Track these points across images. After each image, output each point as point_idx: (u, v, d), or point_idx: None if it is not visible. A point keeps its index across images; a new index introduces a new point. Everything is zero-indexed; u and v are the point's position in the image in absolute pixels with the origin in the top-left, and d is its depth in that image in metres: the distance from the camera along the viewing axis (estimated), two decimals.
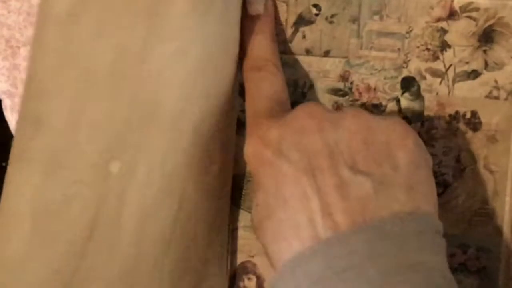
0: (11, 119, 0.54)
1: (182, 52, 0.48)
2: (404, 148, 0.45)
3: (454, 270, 0.57)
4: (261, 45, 0.52)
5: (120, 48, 0.47)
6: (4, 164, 0.62)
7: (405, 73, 0.56)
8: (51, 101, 0.47)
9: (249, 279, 0.58)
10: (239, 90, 0.55)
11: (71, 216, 0.48)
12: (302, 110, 0.46)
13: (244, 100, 0.56)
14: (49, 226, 0.47)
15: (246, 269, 0.58)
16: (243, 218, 0.58)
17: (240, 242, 0.58)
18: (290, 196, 0.44)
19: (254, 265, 0.58)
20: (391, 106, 0.56)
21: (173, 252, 0.51)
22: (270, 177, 0.45)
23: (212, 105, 0.50)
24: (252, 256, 0.58)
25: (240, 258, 0.58)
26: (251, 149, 0.46)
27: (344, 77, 0.56)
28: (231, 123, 0.54)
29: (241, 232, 0.58)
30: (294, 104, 0.55)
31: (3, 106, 0.54)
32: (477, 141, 0.56)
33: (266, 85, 0.51)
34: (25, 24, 0.53)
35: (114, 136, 0.48)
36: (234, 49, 0.52)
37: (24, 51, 0.54)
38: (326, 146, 0.44)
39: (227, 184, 0.55)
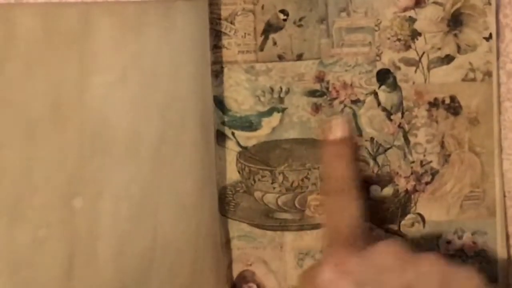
0: None
1: (122, 78, 0.48)
2: None
3: (451, 256, 0.57)
4: (341, 169, 0.52)
5: (56, 84, 0.47)
6: None
7: (379, 66, 0.56)
8: (2, 154, 0.47)
9: (249, 287, 0.59)
10: (217, 102, 0.55)
11: (46, 259, 0.48)
12: (386, 247, 0.47)
13: (222, 112, 0.56)
14: (26, 271, 0.48)
15: (245, 278, 0.59)
16: (237, 228, 0.58)
17: (236, 252, 0.58)
18: None
19: (253, 273, 0.59)
20: (370, 100, 0.56)
21: (156, 273, 0.51)
22: None
23: (172, 122, 0.51)
24: (250, 265, 0.58)
25: (238, 268, 0.58)
26: (328, 275, 0.46)
27: (319, 78, 0.56)
28: (208, 135, 0.54)
29: (235, 242, 0.58)
30: (270, 110, 0.56)
31: None
32: (459, 125, 0.56)
33: (346, 211, 0.50)
34: None
35: (70, 172, 0.48)
36: (194, 61, 0.52)
37: None
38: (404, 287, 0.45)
39: (210, 196, 0.55)
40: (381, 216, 0.57)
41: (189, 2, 0.51)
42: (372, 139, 0.56)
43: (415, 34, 0.55)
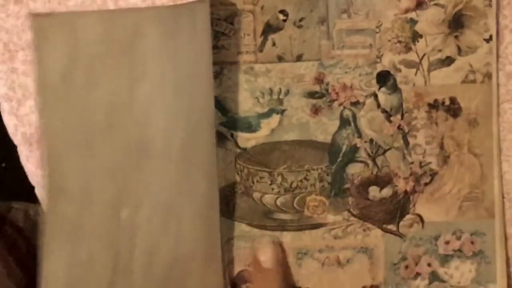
0: (9, 122, 0.54)
1: (161, 83, 0.48)
2: None
3: (450, 256, 0.57)
4: None
5: (111, 96, 0.47)
6: (3, 164, 0.63)
7: (379, 68, 0.55)
8: (66, 165, 0.46)
9: (247, 287, 0.59)
10: (216, 103, 0.55)
11: (97, 271, 0.48)
12: None
13: (221, 113, 0.56)
14: (79, 286, 0.48)
15: (244, 277, 0.59)
16: (236, 229, 0.58)
17: (236, 252, 0.58)
18: None
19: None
20: (369, 102, 0.56)
21: (176, 277, 0.51)
22: None
23: (194, 125, 0.50)
24: (249, 265, 0.58)
25: (237, 268, 0.58)
26: None
27: (319, 79, 0.56)
28: (210, 136, 0.54)
29: (235, 242, 0.58)
30: (270, 112, 0.56)
31: (1, 109, 0.54)
32: (458, 127, 0.56)
33: None
34: (23, 28, 0.53)
35: (120, 182, 0.48)
36: (206, 66, 0.52)
37: (22, 55, 0.54)
38: None
39: (214, 196, 0.55)
40: (380, 216, 0.57)
41: (203, 3, 0.51)
42: (371, 140, 0.56)
43: (416, 36, 0.55)
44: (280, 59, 0.55)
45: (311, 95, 0.56)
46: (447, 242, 0.57)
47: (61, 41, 0.45)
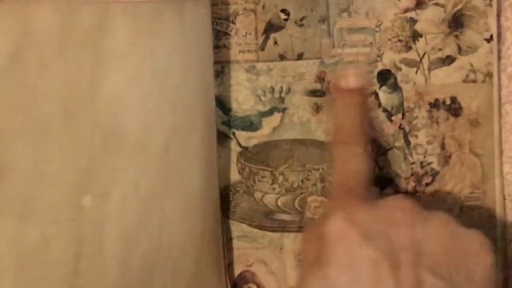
0: None
1: (135, 77, 0.48)
2: (483, 264, 0.46)
3: None
4: (352, 119, 0.51)
5: (68, 82, 0.47)
6: None
7: (380, 66, 0.56)
8: (12, 147, 0.47)
9: (249, 287, 0.59)
10: (218, 102, 0.56)
11: (53, 256, 0.48)
12: (396, 201, 0.47)
13: (223, 112, 0.56)
14: (33, 268, 0.47)
15: (246, 278, 0.59)
16: (237, 229, 0.58)
17: (236, 252, 0.58)
18: (365, 279, 0.44)
19: (253, 274, 0.59)
20: (370, 101, 0.56)
21: (160, 273, 0.51)
22: (349, 256, 0.45)
23: (181, 121, 0.50)
24: (250, 265, 0.58)
25: (238, 269, 0.58)
26: (336, 224, 0.46)
27: (320, 78, 0.56)
28: (210, 135, 0.54)
29: (236, 243, 0.58)
30: (271, 110, 0.56)
31: None
32: (459, 127, 0.56)
33: (355, 163, 0.50)
34: None
35: (80, 170, 0.48)
36: (201, 60, 0.52)
37: None
38: (412, 243, 0.45)
39: (214, 196, 0.55)
40: None
41: (197, 1, 0.51)
42: (372, 140, 0.56)
43: (416, 35, 0.55)
44: (282, 57, 0.56)
45: (313, 93, 0.56)
46: None
47: (10, 27, 0.45)
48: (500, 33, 0.55)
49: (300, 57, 0.56)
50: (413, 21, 0.55)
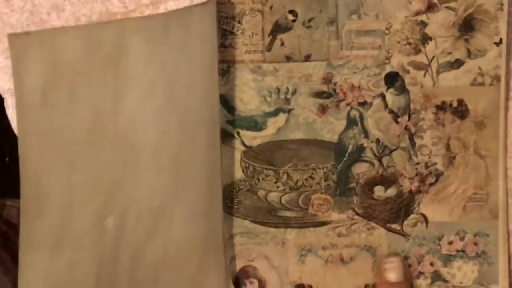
0: (14, 117, 0.54)
1: (150, 91, 0.48)
2: None
3: (453, 256, 0.58)
4: None
5: (94, 107, 0.46)
6: (7, 159, 0.62)
7: (388, 69, 0.55)
8: (45, 181, 0.46)
9: (251, 283, 0.59)
10: (223, 101, 0.55)
11: (78, 280, 0.48)
12: None
13: (227, 111, 0.56)
14: None
15: (247, 273, 0.59)
16: (238, 225, 0.58)
17: (238, 248, 0.58)
18: None
19: (255, 268, 0.59)
20: (377, 102, 0.56)
21: (166, 273, 0.52)
22: None
23: (188, 129, 0.50)
24: (252, 260, 0.59)
25: (240, 264, 0.59)
26: None
27: (327, 79, 0.55)
28: (216, 136, 0.54)
29: (238, 238, 0.58)
30: (276, 111, 0.56)
31: (6, 105, 0.54)
32: (465, 129, 0.56)
33: None
34: (28, 23, 0.52)
35: (105, 192, 0.47)
36: (205, 64, 0.51)
37: None
38: None
39: (216, 195, 0.55)
40: (384, 215, 0.58)
41: (202, 6, 0.50)
42: (378, 140, 0.56)
43: (425, 39, 0.54)
44: (288, 59, 0.55)
45: (319, 95, 0.56)
46: (450, 242, 0.57)
47: (39, 61, 0.44)
48: (510, 37, 0.55)
49: (307, 58, 0.55)
50: (423, 24, 0.54)
